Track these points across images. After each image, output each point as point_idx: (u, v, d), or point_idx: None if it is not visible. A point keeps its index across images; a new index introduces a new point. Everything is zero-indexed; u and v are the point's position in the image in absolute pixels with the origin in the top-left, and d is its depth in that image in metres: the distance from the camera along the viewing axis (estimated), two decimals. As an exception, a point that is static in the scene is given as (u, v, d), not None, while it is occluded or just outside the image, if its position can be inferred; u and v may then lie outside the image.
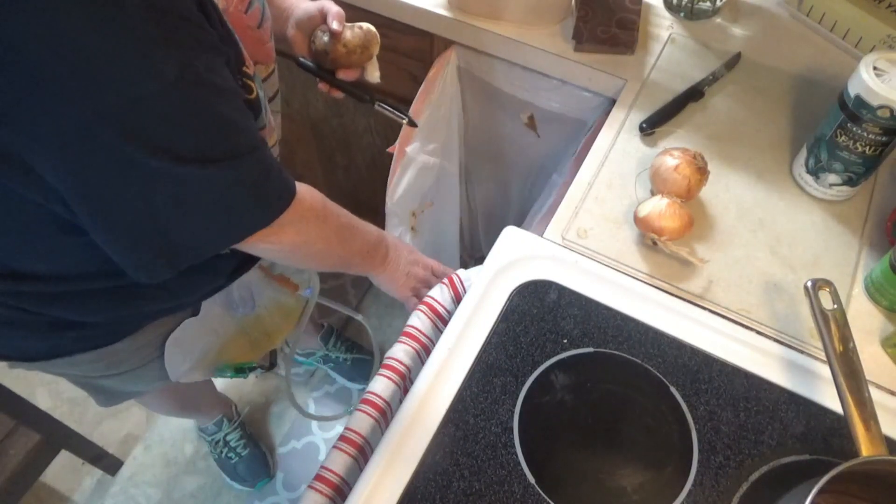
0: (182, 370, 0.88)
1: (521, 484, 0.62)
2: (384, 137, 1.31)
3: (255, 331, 0.97)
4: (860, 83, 0.71)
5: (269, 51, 0.75)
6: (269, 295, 0.97)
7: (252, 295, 0.94)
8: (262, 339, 0.99)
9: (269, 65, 0.76)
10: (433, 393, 0.66)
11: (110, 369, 0.84)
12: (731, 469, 0.64)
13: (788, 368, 0.69)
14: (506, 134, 1.16)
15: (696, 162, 0.76)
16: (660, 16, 1.01)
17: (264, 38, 0.72)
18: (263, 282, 0.95)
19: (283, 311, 1.00)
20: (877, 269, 0.73)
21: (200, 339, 0.88)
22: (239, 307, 0.92)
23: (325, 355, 1.61)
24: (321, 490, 0.65)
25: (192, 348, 0.88)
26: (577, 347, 0.70)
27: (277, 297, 0.98)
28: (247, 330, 0.96)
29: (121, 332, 0.77)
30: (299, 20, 0.81)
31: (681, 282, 0.75)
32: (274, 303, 0.98)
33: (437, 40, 1.04)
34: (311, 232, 0.68)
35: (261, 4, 0.70)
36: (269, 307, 0.97)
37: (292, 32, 0.82)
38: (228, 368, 0.95)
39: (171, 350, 0.84)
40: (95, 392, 0.94)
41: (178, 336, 0.84)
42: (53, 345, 0.75)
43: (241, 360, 0.97)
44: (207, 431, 1.49)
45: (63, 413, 1.59)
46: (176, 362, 0.86)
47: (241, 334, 0.95)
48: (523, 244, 0.77)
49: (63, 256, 0.63)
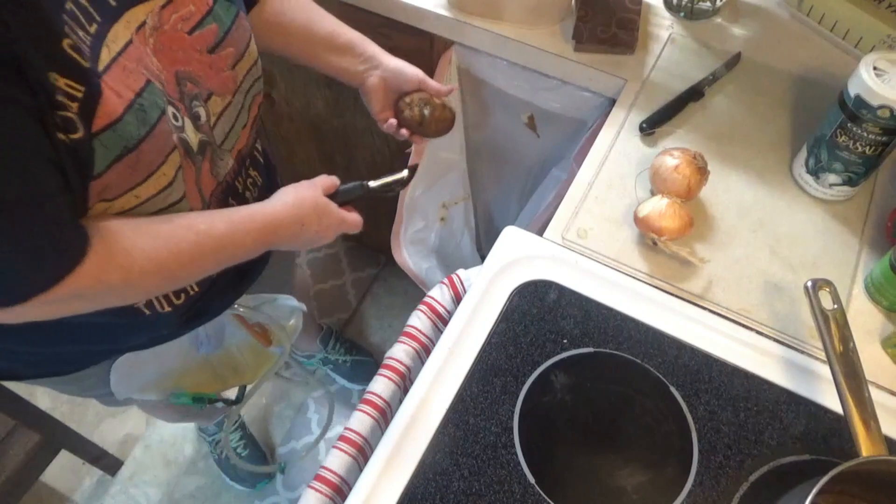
0: (130, 392, 0.84)
1: (521, 484, 0.62)
2: (384, 137, 1.31)
3: (222, 366, 0.92)
4: (860, 83, 0.71)
5: (225, 80, 0.66)
6: (241, 336, 0.91)
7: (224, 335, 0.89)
8: (228, 375, 0.94)
9: (226, 96, 0.67)
10: (433, 393, 0.66)
11: (86, 392, 0.83)
12: (731, 469, 0.64)
13: (788, 368, 0.69)
14: (506, 134, 1.16)
15: (696, 162, 0.76)
16: (660, 16, 1.01)
17: (220, 65, 0.65)
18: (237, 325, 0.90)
19: (255, 354, 0.94)
20: (877, 269, 0.73)
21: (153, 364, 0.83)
22: (203, 345, 0.88)
23: (324, 357, 1.61)
24: (321, 490, 0.65)
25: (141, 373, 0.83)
26: (577, 347, 0.70)
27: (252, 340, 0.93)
28: (212, 362, 0.91)
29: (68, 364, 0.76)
30: (389, 75, 0.82)
31: (681, 282, 0.75)
32: (248, 344, 0.92)
33: (437, 40, 1.04)
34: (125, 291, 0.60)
35: (221, 29, 0.64)
36: (241, 347, 0.92)
37: (374, 81, 0.82)
38: (186, 395, 0.90)
39: (115, 376, 0.80)
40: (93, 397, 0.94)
41: (124, 362, 0.79)
42: (15, 367, 0.75)
43: (201, 391, 0.92)
44: (208, 431, 1.50)
45: (63, 413, 1.59)
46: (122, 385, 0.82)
47: (206, 364, 0.90)
48: (523, 244, 0.77)
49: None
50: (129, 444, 1.57)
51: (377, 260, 1.82)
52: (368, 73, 0.82)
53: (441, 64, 1.05)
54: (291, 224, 0.70)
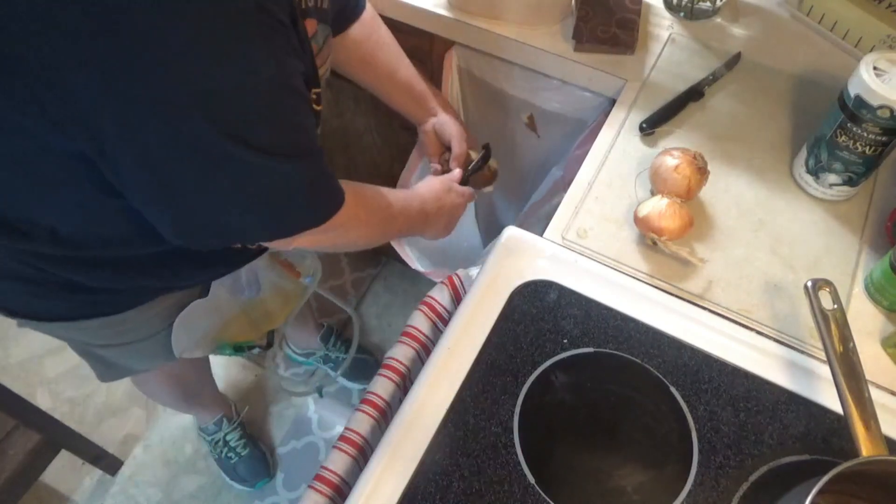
0: (185, 347, 0.92)
1: (521, 484, 0.62)
2: (384, 137, 1.31)
3: (256, 312, 1.01)
4: (860, 83, 0.71)
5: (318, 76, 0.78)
6: (271, 279, 1.00)
7: (258, 278, 0.97)
8: (261, 320, 1.02)
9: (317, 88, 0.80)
10: (433, 393, 0.66)
11: (115, 338, 0.86)
12: (731, 469, 0.64)
13: (788, 368, 0.69)
14: (506, 134, 1.16)
15: (696, 162, 0.76)
16: (660, 16, 1.01)
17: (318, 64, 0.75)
18: (268, 266, 0.98)
19: (283, 295, 1.04)
20: (877, 269, 0.73)
21: (205, 319, 0.92)
22: (245, 290, 0.96)
23: (324, 355, 1.61)
24: (321, 490, 0.65)
25: (196, 327, 0.91)
26: (577, 347, 0.70)
27: (279, 281, 1.02)
28: (248, 311, 0.99)
29: (126, 303, 0.79)
30: (439, 127, 0.99)
31: (681, 282, 0.75)
32: (275, 286, 1.01)
33: (437, 40, 1.04)
34: (352, 235, 0.73)
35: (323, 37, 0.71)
36: (270, 290, 1.01)
37: (429, 128, 0.99)
38: (228, 346, 0.99)
39: (177, 329, 0.88)
40: (96, 362, 0.95)
41: (186, 316, 0.87)
42: (63, 307, 0.77)
43: (241, 339, 1.00)
44: (207, 431, 1.49)
45: (63, 413, 1.60)
46: (181, 340, 0.90)
47: (243, 314, 0.99)
48: (523, 244, 0.77)
49: (92, 217, 0.64)
50: (129, 444, 1.57)
51: (377, 260, 1.82)
52: (427, 119, 0.99)
53: (445, 66, 1.06)
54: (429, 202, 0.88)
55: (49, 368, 1.68)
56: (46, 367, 1.68)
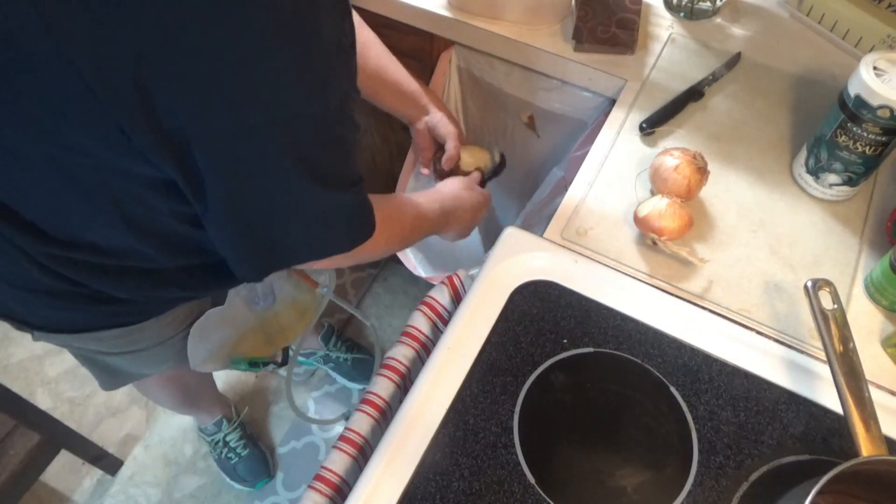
0: (201, 358, 0.92)
1: (521, 484, 0.62)
2: (383, 137, 1.31)
3: (272, 326, 1.01)
4: (860, 83, 0.71)
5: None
6: (287, 291, 1.01)
7: (273, 290, 0.98)
8: (277, 335, 1.03)
9: None
10: (433, 393, 0.66)
11: (128, 346, 0.85)
12: (731, 469, 0.64)
13: (788, 368, 0.69)
14: (506, 134, 1.16)
15: (696, 162, 0.76)
16: (660, 16, 1.01)
17: None
18: (284, 277, 0.99)
19: (298, 308, 1.04)
20: (877, 269, 0.73)
21: (220, 330, 0.92)
22: (260, 301, 0.97)
23: (325, 355, 1.61)
24: (321, 490, 0.65)
25: (211, 338, 0.92)
26: (577, 347, 0.70)
27: (294, 293, 1.02)
28: (264, 325, 1.00)
29: (146, 312, 0.80)
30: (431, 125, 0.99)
31: (681, 282, 0.75)
32: (291, 299, 1.02)
33: (437, 40, 1.04)
34: (370, 255, 0.74)
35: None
36: (286, 303, 1.01)
37: (422, 127, 0.99)
38: (243, 361, 0.99)
39: (193, 339, 0.88)
40: (101, 371, 0.94)
41: (200, 326, 0.88)
42: (83, 318, 0.76)
43: (256, 355, 1.01)
44: (207, 431, 1.49)
45: (63, 413, 1.60)
46: (197, 351, 0.90)
47: (258, 329, 0.99)
48: (523, 244, 0.77)
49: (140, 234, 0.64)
50: (129, 444, 1.57)
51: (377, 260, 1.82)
52: (420, 117, 0.99)
53: (441, 64, 1.06)
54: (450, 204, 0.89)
55: (49, 368, 1.68)
56: (46, 367, 1.68)
